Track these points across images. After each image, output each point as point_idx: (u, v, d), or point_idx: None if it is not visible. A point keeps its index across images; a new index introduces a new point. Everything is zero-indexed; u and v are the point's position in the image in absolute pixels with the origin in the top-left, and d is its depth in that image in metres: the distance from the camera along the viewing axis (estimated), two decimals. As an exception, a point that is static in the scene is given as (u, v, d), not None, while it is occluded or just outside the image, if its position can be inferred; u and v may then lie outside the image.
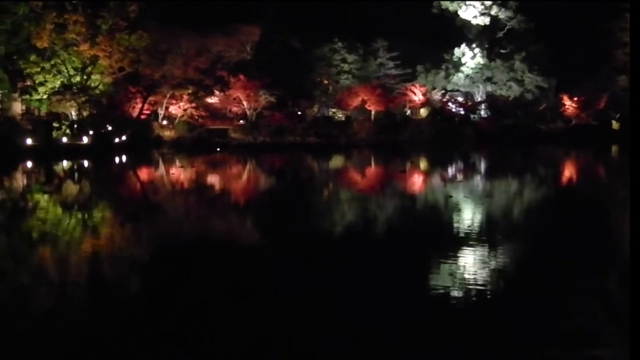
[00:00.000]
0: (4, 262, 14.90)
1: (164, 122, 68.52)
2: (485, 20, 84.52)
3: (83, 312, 10.65)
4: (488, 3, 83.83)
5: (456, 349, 8.88)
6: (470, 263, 13.90)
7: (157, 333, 9.53)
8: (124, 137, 59.15)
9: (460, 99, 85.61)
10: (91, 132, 56.10)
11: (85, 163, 47.77)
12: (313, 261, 14.47)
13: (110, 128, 59.18)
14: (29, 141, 51.66)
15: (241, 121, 73.83)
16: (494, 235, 17.70)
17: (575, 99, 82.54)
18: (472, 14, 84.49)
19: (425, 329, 9.68)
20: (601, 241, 16.75)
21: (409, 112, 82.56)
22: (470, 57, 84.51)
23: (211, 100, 72.01)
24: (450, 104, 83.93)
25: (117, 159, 51.23)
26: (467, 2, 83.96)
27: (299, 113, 78.29)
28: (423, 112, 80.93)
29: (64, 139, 54.58)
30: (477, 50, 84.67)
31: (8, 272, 13.72)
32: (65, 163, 46.34)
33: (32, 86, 56.91)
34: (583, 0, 76.92)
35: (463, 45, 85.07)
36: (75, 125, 56.83)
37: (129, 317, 10.40)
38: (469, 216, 21.71)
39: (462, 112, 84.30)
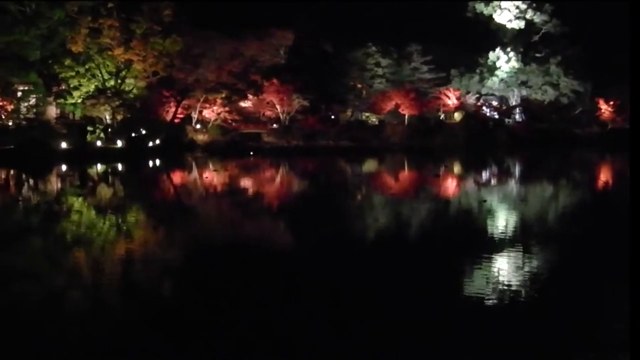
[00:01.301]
0: (43, 263, 15.00)
1: (198, 126, 68.73)
2: (520, 24, 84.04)
3: (110, 314, 10.64)
4: (523, 7, 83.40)
5: (490, 353, 8.77)
6: (505, 267, 13.72)
7: (184, 335, 9.48)
8: (157, 141, 59.38)
9: (494, 103, 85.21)
10: (125, 136, 56.46)
11: (119, 167, 48.03)
12: (348, 264, 14.34)
13: (144, 132, 59.46)
14: (63, 145, 52.10)
15: (274, 125, 74.00)
16: (529, 240, 17.40)
17: (611, 102, 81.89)
18: (506, 17, 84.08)
19: (459, 333, 9.54)
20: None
21: (442, 116, 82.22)
22: (504, 61, 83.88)
23: (244, 104, 72.15)
24: (484, 108, 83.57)
25: (150, 163, 51.51)
26: (502, 6, 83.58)
27: (332, 117, 78.39)
28: (457, 116, 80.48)
29: (98, 143, 55.00)
30: (511, 54, 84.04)
31: (46, 274, 13.76)
32: (100, 166, 46.68)
33: (67, 90, 57.44)
34: (618, 2, 75.94)
35: (498, 49, 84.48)
36: (110, 129, 57.33)
37: (159, 317, 10.38)
38: (502, 221, 21.47)
39: (497, 116, 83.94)
